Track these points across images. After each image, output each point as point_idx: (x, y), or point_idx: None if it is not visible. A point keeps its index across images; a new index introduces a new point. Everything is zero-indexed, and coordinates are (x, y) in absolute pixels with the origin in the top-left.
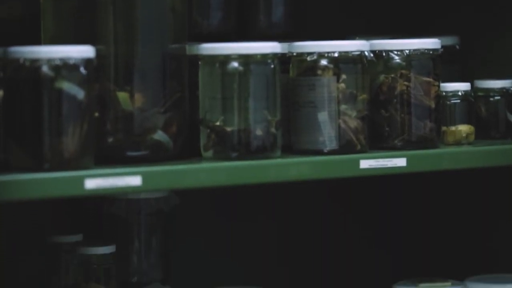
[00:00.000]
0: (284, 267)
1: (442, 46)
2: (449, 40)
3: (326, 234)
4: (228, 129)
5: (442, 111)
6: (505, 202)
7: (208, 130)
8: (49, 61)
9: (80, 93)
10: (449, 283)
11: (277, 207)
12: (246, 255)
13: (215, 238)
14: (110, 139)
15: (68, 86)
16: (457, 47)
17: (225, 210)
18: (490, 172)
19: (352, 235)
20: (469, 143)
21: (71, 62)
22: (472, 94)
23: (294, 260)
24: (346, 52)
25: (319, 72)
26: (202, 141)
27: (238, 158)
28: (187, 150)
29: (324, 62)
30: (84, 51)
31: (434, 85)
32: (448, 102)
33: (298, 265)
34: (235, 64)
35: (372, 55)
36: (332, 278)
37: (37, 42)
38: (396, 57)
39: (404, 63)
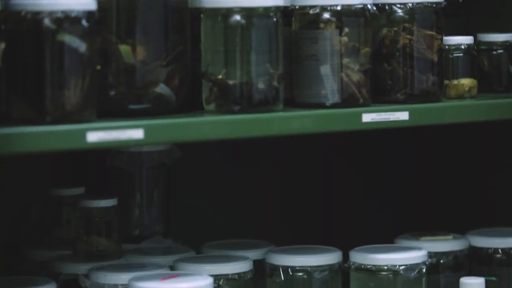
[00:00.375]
0: (286, 221)
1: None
2: None
3: (328, 187)
4: (230, 82)
5: (445, 65)
6: (507, 155)
7: (210, 84)
8: (50, 13)
9: (82, 46)
10: (450, 237)
11: (279, 161)
12: (248, 208)
13: (217, 191)
14: (112, 92)
15: (69, 39)
16: (460, 0)
17: (227, 163)
18: (493, 126)
19: (354, 188)
20: (472, 97)
21: (73, 14)
22: (475, 47)
23: (296, 214)
24: (349, 5)
25: (322, 25)
26: (204, 94)
27: (240, 111)
28: (189, 103)
29: (326, 15)
30: (86, 3)
31: (436, 39)
32: (450, 56)
33: (300, 219)
34: (237, 17)
35: (374, 8)
36: (334, 231)
37: None
38: (399, 10)
39: (407, 17)
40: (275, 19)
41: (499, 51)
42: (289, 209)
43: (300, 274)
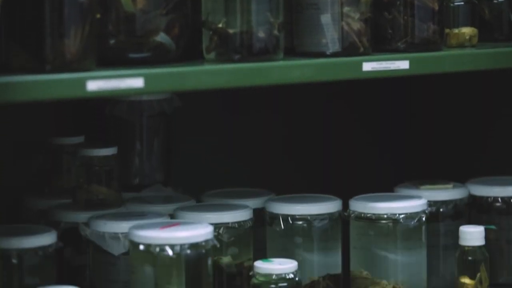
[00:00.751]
0: (286, 169)
1: None
2: None
3: (328, 136)
4: (231, 31)
5: (446, 13)
6: (508, 104)
7: (211, 32)
8: None
9: None
10: (450, 185)
11: (279, 110)
12: (248, 157)
13: (217, 140)
14: (112, 41)
15: None
16: None
17: (227, 112)
18: (493, 74)
19: (354, 137)
20: (472, 46)
21: None
22: None
23: (296, 162)
24: None
25: None
26: (205, 43)
27: (241, 60)
28: (189, 52)
29: None
30: None
31: None
32: (451, 4)
33: (300, 167)
34: None
35: None
36: (334, 180)
37: None
38: None
39: None
40: None
41: None
42: (289, 158)
43: (300, 222)
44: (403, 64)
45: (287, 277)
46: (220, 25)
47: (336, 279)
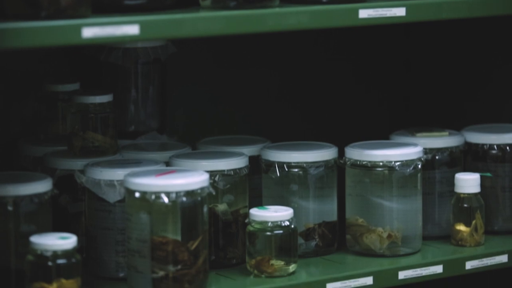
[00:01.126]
0: (282, 117)
1: None
2: None
3: (325, 84)
4: None
5: None
6: (504, 52)
7: None
8: None
9: None
10: (446, 133)
11: (275, 57)
12: (244, 104)
13: (212, 87)
14: None
15: None
16: None
17: (223, 59)
18: (490, 22)
19: (351, 85)
20: None
21: None
22: None
23: (292, 110)
24: None
25: None
26: None
27: (237, 7)
28: None
29: None
30: None
31: None
32: None
33: (296, 115)
34: None
35: None
36: (331, 127)
37: None
38: None
39: None
40: None
41: None
42: (285, 105)
43: (296, 170)
44: (400, 11)
45: (283, 224)
46: None
47: (332, 226)
